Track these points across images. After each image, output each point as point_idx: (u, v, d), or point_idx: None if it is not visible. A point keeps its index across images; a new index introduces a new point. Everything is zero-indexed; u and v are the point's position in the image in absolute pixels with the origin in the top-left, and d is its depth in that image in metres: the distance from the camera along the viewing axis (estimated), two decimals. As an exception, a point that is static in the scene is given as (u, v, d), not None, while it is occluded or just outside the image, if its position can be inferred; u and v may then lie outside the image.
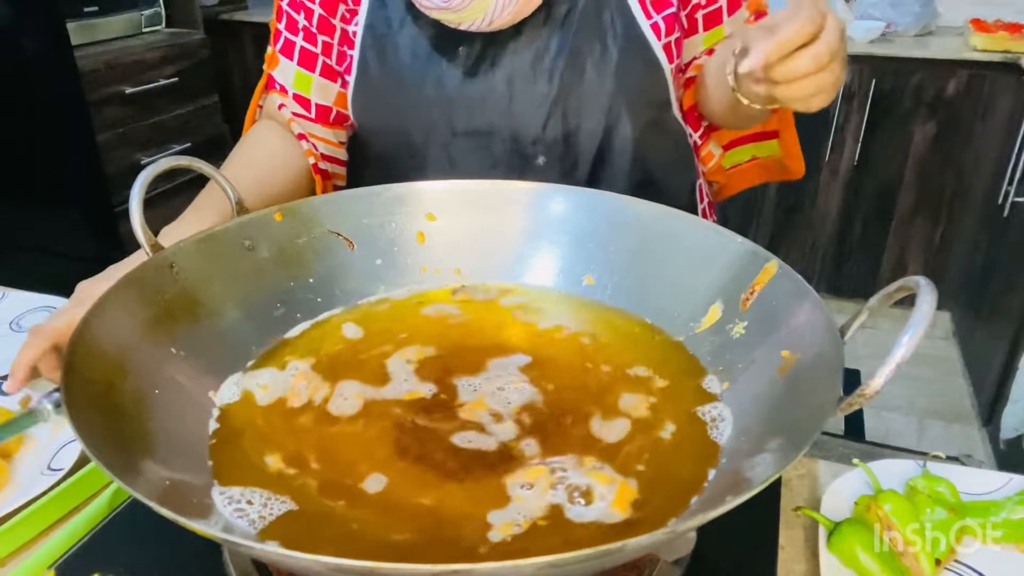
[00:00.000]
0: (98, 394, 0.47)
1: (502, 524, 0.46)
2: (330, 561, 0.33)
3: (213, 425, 0.54)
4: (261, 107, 0.92)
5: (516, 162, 0.83)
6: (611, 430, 0.54)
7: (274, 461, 0.51)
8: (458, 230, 0.71)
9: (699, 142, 0.92)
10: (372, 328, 0.65)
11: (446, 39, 0.80)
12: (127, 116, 2.26)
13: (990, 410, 1.94)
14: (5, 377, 0.72)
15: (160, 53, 2.36)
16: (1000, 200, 1.97)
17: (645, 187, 0.85)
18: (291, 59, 0.88)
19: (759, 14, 0.86)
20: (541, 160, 0.83)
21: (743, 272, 0.59)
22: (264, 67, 0.90)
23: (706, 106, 0.87)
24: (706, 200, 0.96)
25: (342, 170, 0.93)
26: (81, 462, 0.61)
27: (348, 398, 0.57)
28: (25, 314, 0.84)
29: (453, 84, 0.81)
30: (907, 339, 0.39)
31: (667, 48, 0.81)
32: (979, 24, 2.17)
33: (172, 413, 0.52)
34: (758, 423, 0.51)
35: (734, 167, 0.96)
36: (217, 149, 2.64)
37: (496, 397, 0.56)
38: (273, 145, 0.85)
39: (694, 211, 0.92)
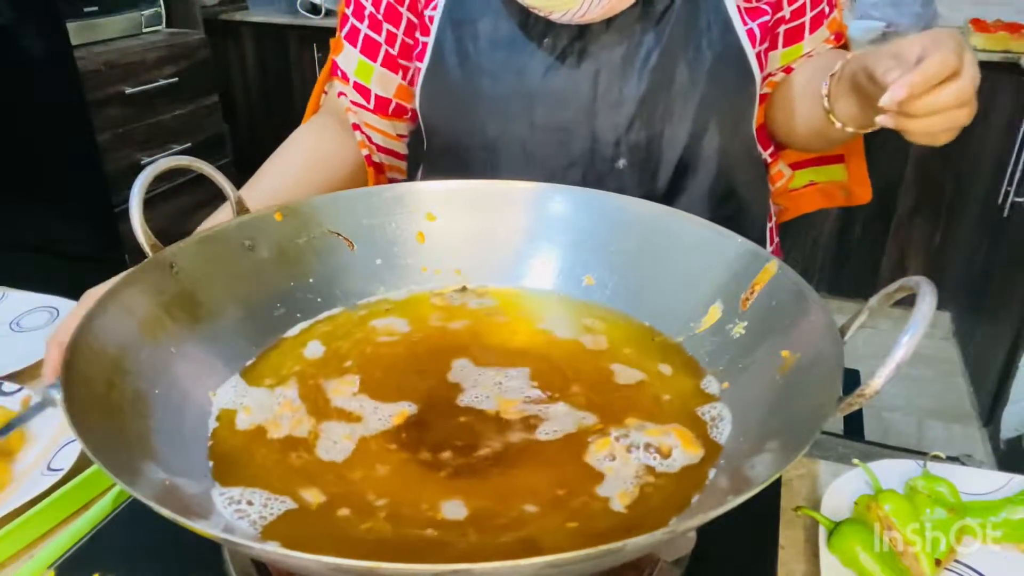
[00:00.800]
0: (98, 394, 0.47)
1: (619, 494, 0.48)
2: (330, 561, 0.33)
3: (213, 425, 0.54)
4: (326, 93, 0.90)
5: (595, 163, 0.79)
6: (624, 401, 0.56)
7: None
8: (458, 230, 0.71)
9: (768, 160, 0.88)
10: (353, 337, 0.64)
11: (531, 29, 0.76)
12: (127, 116, 2.26)
13: (990, 410, 1.94)
14: (5, 377, 0.72)
15: (160, 53, 2.36)
16: (1000, 200, 1.97)
17: (728, 200, 0.83)
18: (355, 46, 0.85)
19: (839, 35, 0.84)
20: (622, 163, 0.79)
21: (743, 272, 0.59)
22: (329, 53, 0.88)
23: (786, 125, 0.83)
24: (773, 220, 0.93)
25: (400, 163, 0.91)
26: (81, 462, 0.61)
27: (338, 441, 0.53)
28: (25, 314, 0.84)
29: (535, 76, 0.77)
30: (907, 339, 0.39)
31: (759, 57, 0.78)
32: (979, 24, 2.17)
33: (172, 413, 0.52)
34: (758, 423, 0.51)
35: (794, 191, 0.93)
36: (217, 149, 2.64)
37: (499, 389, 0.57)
38: (310, 144, 0.83)
39: (767, 232, 0.91)
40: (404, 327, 0.65)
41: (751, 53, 0.77)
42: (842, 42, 0.85)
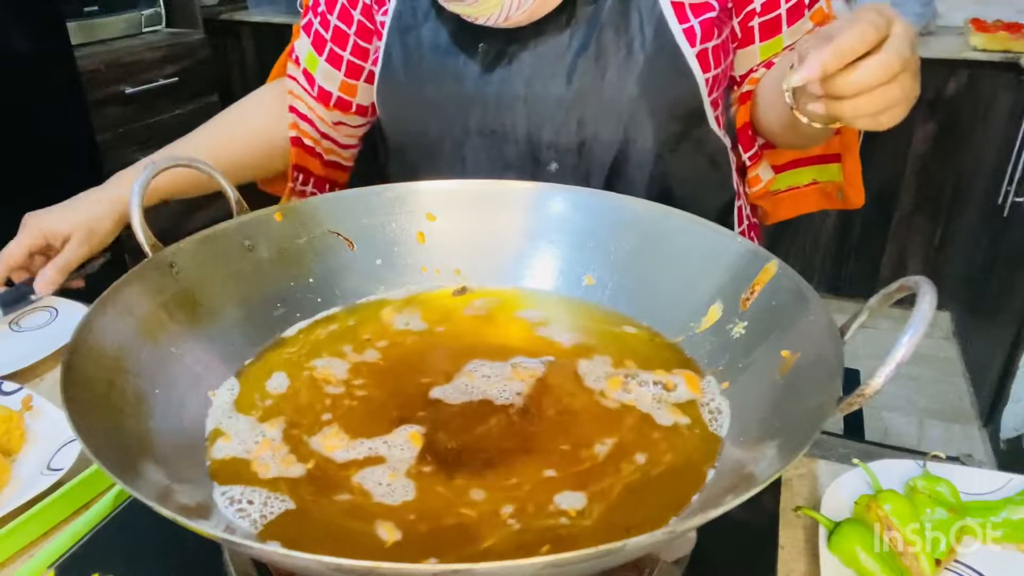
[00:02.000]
0: (98, 394, 0.47)
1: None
2: (330, 561, 0.33)
3: (211, 427, 0.54)
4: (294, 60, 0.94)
5: (528, 166, 0.80)
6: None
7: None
8: (458, 230, 0.71)
9: (748, 163, 0.85)
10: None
11: (468, 34, 0.78)
12: (127, 116, 2.26)
13: (990, 410, 1.94)
14: (5, 377, 0.72)
15: (160, 53, 2.36)
16: (1000, 200, 1.97)
17: (664, 203, 0.81)
18: (308, 36, 0.90)
19: (824, 24, 0.79)
20: (553, 167, 0.80)
21: (743, 272, 0.59)
22: (292, 35, 0.93)
23: (762, 123, 0.80)
24: (746, 223, 0.91)
25: (341, 151, 0.95)
26: (81, 462, 0.61)
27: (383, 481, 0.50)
28: (25, 314, 0.84)
29: (471, 81, 0.78)
30: (907, 339, 0.39)
31: (702, 56, 0.75)
32: (979, 24, 2.17)
33: (172, 413, 0.52)
34: (758, 423, 0.51)
35: (791, 189, 0.89)
36: (217, 149, 2.64)
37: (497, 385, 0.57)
38: (267, 107, 0.94)
39: None
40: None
41: (689, 52, 0.74)
42: None
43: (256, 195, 0.84)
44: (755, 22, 0.78)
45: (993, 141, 2.15)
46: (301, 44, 0.91)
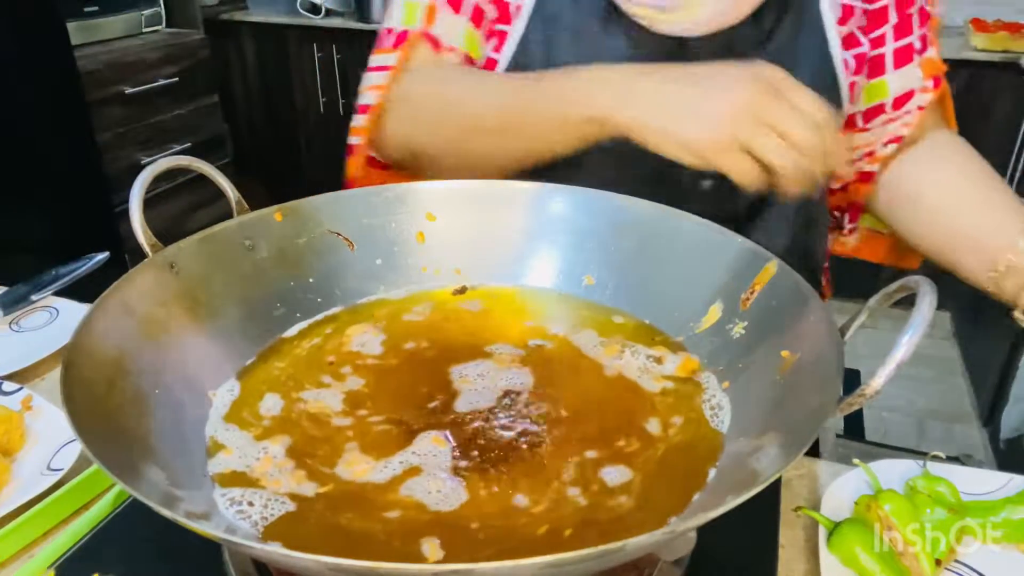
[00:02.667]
0: (98, 394, 0.47)
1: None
2: (330, 561, 0.33)
3: (211, 432, 0.54)
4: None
5: (681, 180, 0.70)
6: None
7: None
8: (458, 230, 0.71)
9: (841, 227, 0.88)
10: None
11: (633, 40, 0.72)
12: (127, 116, 2.27)
13: (990, 410, 1.94)
14: (5, 377, 0.72)
15: (160, 53, 2.37)
16: (1000, 200, 1.97)
17: (809, 229, 0.79)
18: (458, 12, 0.74)
19: (937, 80, 0.80)
20: (707, 184, 0.74)
21: (743, 272, 0.59)
22: (402, 20, 0.75)
23: (910, 240, 0.80)
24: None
25: None
26: (81, 462, 0.61)
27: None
28: (25, 314, 0.84)
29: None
30: (907, 339, 0.39)
31: (851, 88, 0.74)
32: (979, 24, 2.17)
33: (172, 413, 0.52)
34: (758, 423, 0.51)
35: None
36: (217, 149, 2.64)
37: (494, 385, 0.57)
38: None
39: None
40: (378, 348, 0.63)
41: (844, 83, 0.73)
42: (940, 89, 0.80)
43: (256, 195, 0.84)
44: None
45: (993, 141, 2.15)
46: (447, 25, 0.75)
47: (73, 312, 0.84)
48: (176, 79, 2.40)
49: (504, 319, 0.66)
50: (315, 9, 2.76)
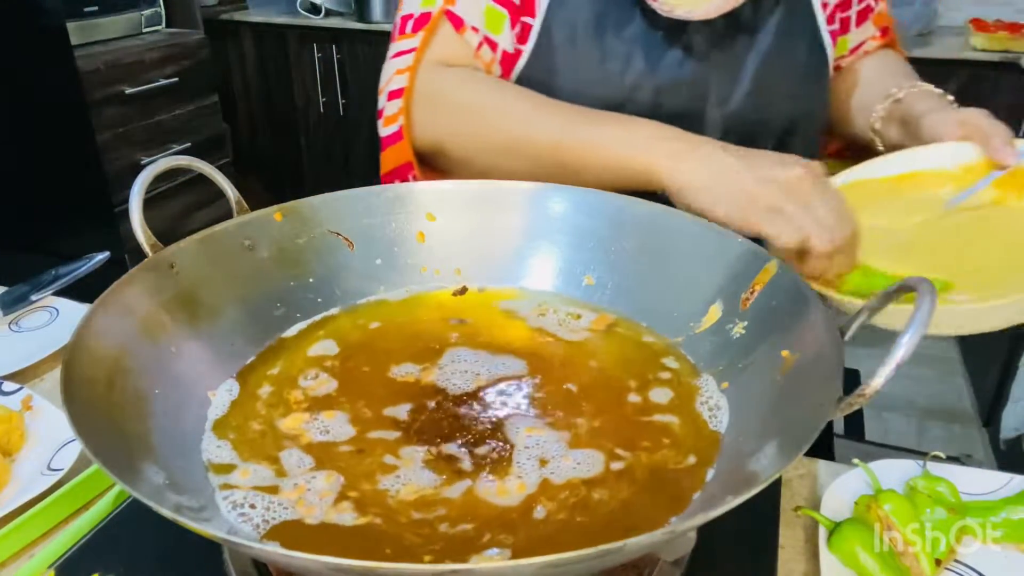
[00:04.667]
0: (98, 394, 0.47)
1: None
2: (330, 561, 0.33)
3: (211, 428, 0.54)
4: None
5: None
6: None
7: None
8: (458, 230, 0.71)
9: None
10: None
11: (649, 23, 0.77)
12: (127, 116, 2.27)
13: (990, 410, 1.94)
14: (5, 377, 0.72)
15: (160, 53, 2.37)
16: (1000, 200, 1.97)
17: None
18: None
19: (885, 30, 0.90)
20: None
21: (743, 272, 0.59)
22: (421, 3, 0.76)
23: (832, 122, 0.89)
24: None
25: None
26: (81, 462, 0.61)
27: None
28: (25, 314, 0.84)
29: (638, 69, 0.77)
30: (907, 339, 0.39)
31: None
32: (979, 24, 2.17)
33: (172, 413, 0.52)
34: (758, 423, 0.51)
35: None
36: (217, 149, 2.64)
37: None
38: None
39: None
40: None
41: (831, 55, 0.82)
42: (888, 37, 0.91)
43: (256, 195, 0.84)
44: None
45: (993, 141, 2.14)
46: (467, 4, 0.76)
47: (73, 312, 0.84)
48: (176, 79, 2.40)
49: (503, 319, 0.66)
50: (315, 9, 2.76)
